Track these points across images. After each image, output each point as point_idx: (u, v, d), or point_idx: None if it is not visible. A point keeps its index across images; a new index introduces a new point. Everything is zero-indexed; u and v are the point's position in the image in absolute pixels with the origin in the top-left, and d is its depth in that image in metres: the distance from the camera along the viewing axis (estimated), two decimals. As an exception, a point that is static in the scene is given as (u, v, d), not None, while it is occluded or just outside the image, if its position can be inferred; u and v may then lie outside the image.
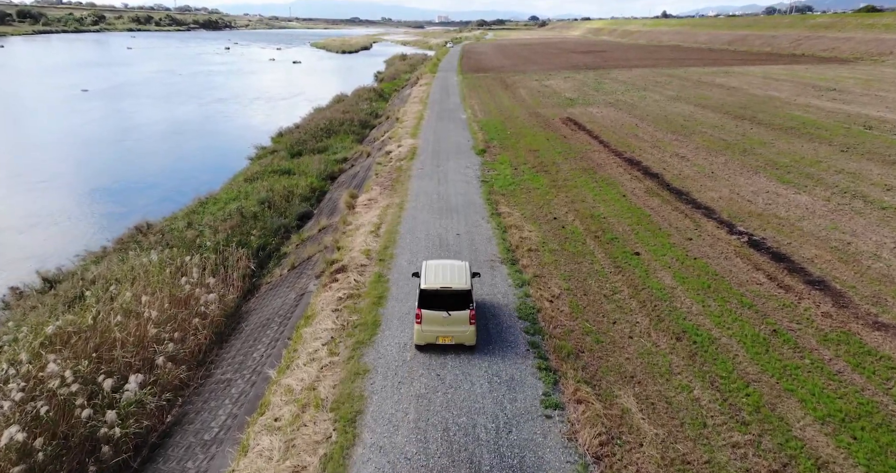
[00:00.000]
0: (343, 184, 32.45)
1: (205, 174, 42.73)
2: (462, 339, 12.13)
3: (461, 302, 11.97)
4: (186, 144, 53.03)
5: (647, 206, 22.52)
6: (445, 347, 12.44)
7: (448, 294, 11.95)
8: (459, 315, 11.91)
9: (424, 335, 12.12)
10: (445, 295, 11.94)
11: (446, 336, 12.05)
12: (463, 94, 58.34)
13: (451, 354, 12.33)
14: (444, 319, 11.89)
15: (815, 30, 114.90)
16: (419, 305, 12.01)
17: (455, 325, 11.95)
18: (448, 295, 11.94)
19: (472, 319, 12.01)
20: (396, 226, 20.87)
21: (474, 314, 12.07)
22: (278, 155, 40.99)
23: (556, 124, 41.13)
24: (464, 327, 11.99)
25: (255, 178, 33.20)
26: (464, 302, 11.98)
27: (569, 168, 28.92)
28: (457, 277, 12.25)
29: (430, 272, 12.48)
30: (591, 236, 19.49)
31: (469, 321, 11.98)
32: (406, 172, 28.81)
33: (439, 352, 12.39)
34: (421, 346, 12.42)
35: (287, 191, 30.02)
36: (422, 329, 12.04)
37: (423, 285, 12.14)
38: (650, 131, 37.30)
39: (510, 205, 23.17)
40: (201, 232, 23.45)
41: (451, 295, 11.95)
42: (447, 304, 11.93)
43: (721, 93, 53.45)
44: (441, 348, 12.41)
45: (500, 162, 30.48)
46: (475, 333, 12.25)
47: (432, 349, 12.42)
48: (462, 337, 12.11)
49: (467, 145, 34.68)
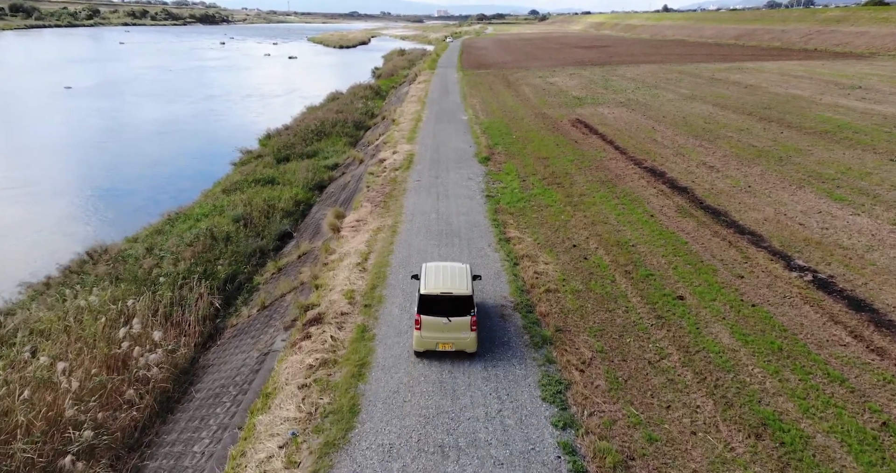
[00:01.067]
0: (331, 197, 29.14)
1: (185, 180, 39.43)
2: (462, 346, 11.80)
3: (462, 308, 11.64)
4: (170, 146, 49.63)
5: (681, 231, 19.23)
6: (445, 354, 11.91)
7: (448, 299, 11.59)
8: (460, 321, 11.59)
9: (424, 341, 11.75)
10: (445, 301, 11.59)
11: (446, 342, 11.72)
12: (463, 93, 54.92)
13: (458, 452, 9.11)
14: (444, 325, 11.57)
15: (826, 24, 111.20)
16: (418, 311, 11.66)
17: (455, 332, 11.64)
18: (448, 301, 11.60)
19: (474, 325, 11.68)
20: (387, 255, 17.59)
21: (476, 320, 11.72)
22: (263, 160, 37.65)
23: (565, 127, 37.79)
24: (465, 333, 11.69)
25: (234, 189, 29.86)
26: (465, 308, 11.65)
27: (584, 180, 25.62)
28: (457, 282, 11.92)
29: (429, 276, 12.12)
30: (621, 271, 16.21)
31: (470, 327, 11.65)
32: (401, 185, 25.49)
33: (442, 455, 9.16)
34: (420, 353, 12.02)
35: (268, 205, 26.71)
36: (421, 335, 11.70)
37: (423, 290, 11.77)
38: (669, 135, 33.96)
39: (520, 228, 19.89)
40: (161, 258, 20.17)
41: (451, 300, 11.60)
42: (447, 310, 11.57)
43: (739, 92, 50.04)
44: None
45: (506, 172, 27.18)
46: (476, 340, 11.86)
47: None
48: (463, 344, 11.78)
49: (469, 152, 31.34)
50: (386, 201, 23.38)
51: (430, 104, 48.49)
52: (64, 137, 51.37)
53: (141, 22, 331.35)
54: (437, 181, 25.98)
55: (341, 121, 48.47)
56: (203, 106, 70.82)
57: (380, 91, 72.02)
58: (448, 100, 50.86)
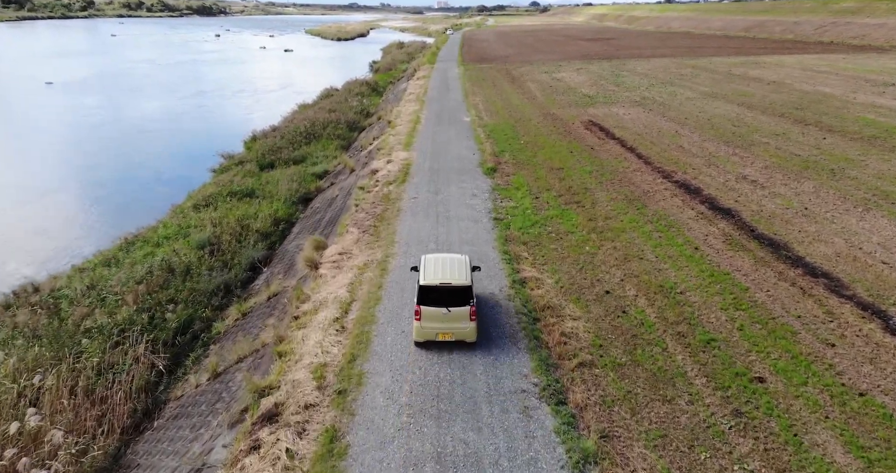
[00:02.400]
0: (316, 214, 25.53)
1: (162, 186, 35.83)
2: (462, 336, 11.83)
3: (461, 299, 11.63)
4: (150, 147, 45.91)
5: (736, 270, 15.64)
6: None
7: (448, 289, 11.61)
8: (459, 311, 11.60)
9: (424, 331, 11.76)
10: (445, 291, 11.61)
11: (446, 332, 11.73)
12: (465, 90, 51.12)
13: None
14: (443, 315, 11.59)
15: (840, 15, 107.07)
16: (418, 301, 11.65)
17: (455, 322, 11.66)
18: (448, 292, 11.61)
19: (473, 315, 11.70)
20: (373, 306, 14.00)
21: (475, 310, 11.74)
22: (245, 167, 34.01)
23: (578, 130, 34.10)
24: (464, 323, 11.71)
25: (206, 204, 26.24)
26: (464, 299, 11.64)
27: (607, 197, 22.01)
28: (457, 273, 11.90)
29: (429, 267, 12.13)
30: (672, 333, 12.64)
31: (469, 317, 11.68)
32: (395, 204, 21.86)
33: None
34: (420, 343, 12.03)
35: (241, 226, 23.12)
36: (421, 325, 11.72)
37: (423, 281, 11.75)
38: (697, 141, 30.29)
39: (537, 264, 16.31)
40: (102, 300, 16.60)
41: (450, 290, 11.61)
42: (447, 300, 11.59)
43: (763, 89, 46.27)
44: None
45: (515, 186, 23.56)
46: (476, 330, 11.89)
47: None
48: (462, 334, 11.80)
49: (473, 160, 27.69)
50: (376, 225, 19.76)
51: (429, 103, 44.73)
52: (31, 138, 47.61)
53: (136, 13, 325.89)
54: (436, 198, 22.36)
55: (333, 121, 44.76)
56: (192, 102, 67.06)
57: (377, 87, 68.21)
58: (448, 98, 47.10)
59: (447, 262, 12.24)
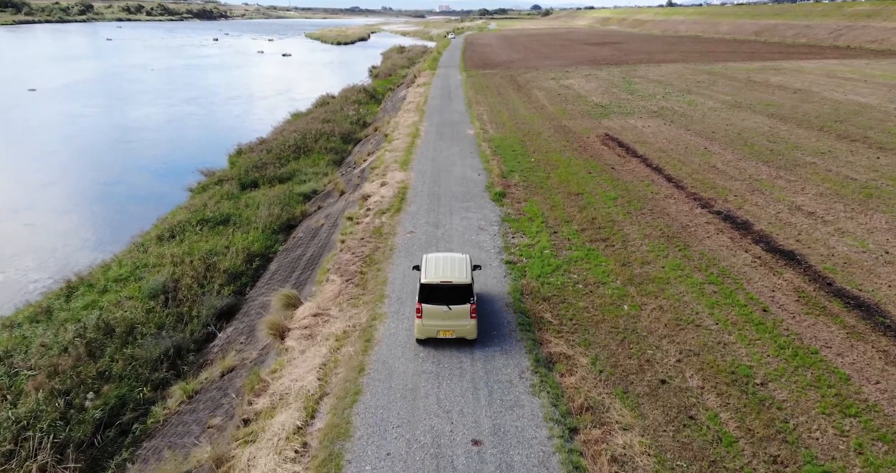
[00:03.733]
0: (297, 246, 22.01)
1: (134, 206, 32.36)
2: (463, 333, 11.89)
3: (462, 296, 11.71)
4: (128, 160, 42.43)
5: (825, 347, 12.06)
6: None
7: (448, 288, 11.67)
8: (460, 309, 11.67)
9: (425, 329, 11.83)
10: (446, 289, 11.67)
11: (447, 330, 11.79)
12: (468, 98, 47.64)
13: None
14: (444, 313, 11.65)
15: (855, 19, 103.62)
16: (419, 299, 11.72)
17: (456, 319, 11.73)
18: (448, 289, 11.68)
19: (473, 313, 11.75)
20: (349, 407, 10.41)
21: (475, 307, 11.81)
22: (225, 187, 30.51)
23: (594, 145, 30.61)
24: (464, 321, 11.77)
25: (172, 235, 22.75)
26: (464, 296, 11.72)
27: (639, 233, 18.47)
28: (457, 271, 11.98)
29: (430, 265, 12.21)
30: (766, 460, 9.07)
31: (470, 315, 11.73)
32: (387, 240, 18.34)
33: None
34: (422, 340, 12.10)
35: (207, 265, 19.57)
36: (422, 323, 11.77)
37: (424, 279, 11.79)
38: (731, 160, 26.77)
39: (565, 333, 12.77)
40: (12, 378, 13.05)
41: (451, 289, 11.68)
42: (448, 298, 11.66)
43: (790, 98, 42.76)
44: None
45: (529, 216, 20.04)
46: (476, 327, 11.94)
47: None
48: (463, 331, 11.87)
49: (479, 183, 24.19)
50: (363, 272, 16.23)
51: (429, 113, 41.26)
52: (10, 149, 44.18)
53: (136, 17, 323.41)
54: (436, 233, 18.83)
55: (327, 133, 41.30)
56: (180, 109, 63.69)
57: (375, 94, 64.81)
58: (450, 108, 43.62)
59: (448, 261, 12.39)
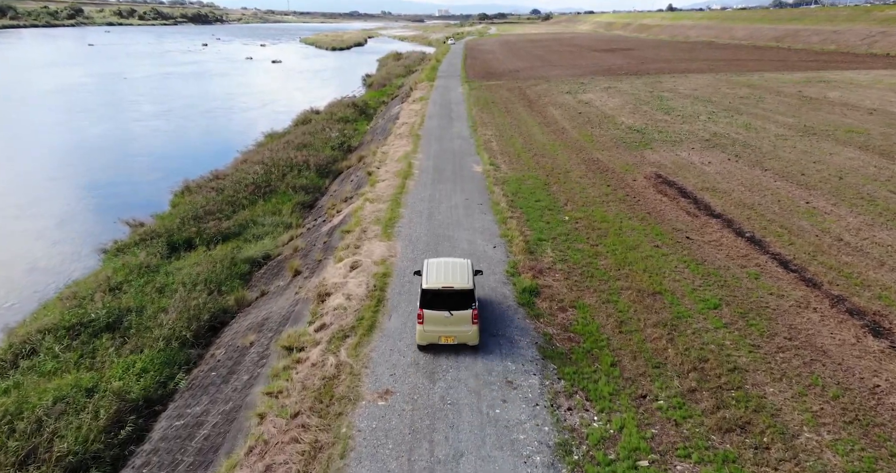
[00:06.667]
0: (204, 388, 13.91)
1: (31, 277, 24.36)
2: (464, 339, 11.68)
3: (463, 302, 11.50)
4: (57, 196, 34.41)
5: None
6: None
7: (450, 293, 11.46)
8: (462, 314, 11.46)
9: (426, 335, 11.63)
10: (447, 295, 11.47)
11: (448, 335, 11.60)
12: (472, 118, 39.66)
13: None
14: (445, 319, 11.44)
15: (888, 24, 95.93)
16: (421, 305, 11.49)
17: (457, 325, 11.52)
18: (450, 295, 11.47)
19: (475, 318, 11.55)
20: None
21: (477, 313, 11.57)
22: (144, 252, 22.52)
23: (646, 193, 22.73)
24: (466, 326, 11.57)
25: (15, 362, 14.66)
26: (466, 302, 11.51)
27: (800, 407, 10.50)
28: (458, 276, 11.77)
29: (431, 270, 12.00)
30: None
31: (472, 320, 11.53)
32: (339, 424, 10.31)
33: None
34: (423, 346, 11.90)
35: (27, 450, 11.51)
36: (424, 329, 11.57)
37: (425, 285, 11.61)
38: (856, 225, 18.87)
39: None
40: None
41: (452, 294, 11.47)
42: (449, 304, 11.45)
43: (870, 122, 34.88)
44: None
45: (583, 348, 12.12)
46: (478, 333, 11.72)
47: None
48: (464, 337, 11.66)
49: (494, 266, 16.20)
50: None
51: (426, 140, 33.28)
52: None
53: (127, 21, 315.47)
54: (428, 401, 10.80)
55: (299, 163, 33.45)
56: (145, 125, 55.88)
57: (366, 109, 56.97)
58: (451, 131, 35.64)
59: (449, 266, 12.09)
